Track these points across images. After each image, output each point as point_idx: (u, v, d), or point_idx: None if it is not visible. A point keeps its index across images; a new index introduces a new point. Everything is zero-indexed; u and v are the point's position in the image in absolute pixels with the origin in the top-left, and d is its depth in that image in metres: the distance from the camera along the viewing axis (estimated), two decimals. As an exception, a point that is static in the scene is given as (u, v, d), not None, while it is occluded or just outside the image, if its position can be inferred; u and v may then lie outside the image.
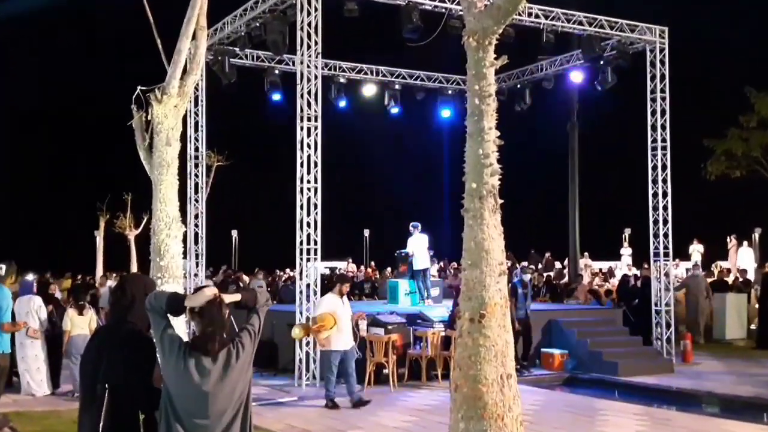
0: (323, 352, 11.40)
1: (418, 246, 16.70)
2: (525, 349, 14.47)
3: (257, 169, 34.18)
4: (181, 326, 7.89)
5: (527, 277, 15.15)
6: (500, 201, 5.73)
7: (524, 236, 29.42)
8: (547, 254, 28.65)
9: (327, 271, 27.41)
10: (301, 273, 13.46)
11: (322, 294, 12.10)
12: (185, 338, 4.07)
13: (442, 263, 26.71)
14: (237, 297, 4.07)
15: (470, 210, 5.63)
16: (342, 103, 20.50)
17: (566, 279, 25.28)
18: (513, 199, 7.09)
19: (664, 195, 16.28)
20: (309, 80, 13.21)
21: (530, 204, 33.00)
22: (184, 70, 8.20)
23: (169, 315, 3.99)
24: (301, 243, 13.25)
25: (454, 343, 10.43)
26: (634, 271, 25.84)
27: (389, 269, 26.04)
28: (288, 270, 26.92)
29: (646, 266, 18.77)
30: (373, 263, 31.07)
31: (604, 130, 30.69)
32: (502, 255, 5.65)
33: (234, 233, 36.07)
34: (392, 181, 36.72)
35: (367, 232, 35.77)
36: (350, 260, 31.51)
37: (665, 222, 16.24)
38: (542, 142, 29.68)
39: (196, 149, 17.02)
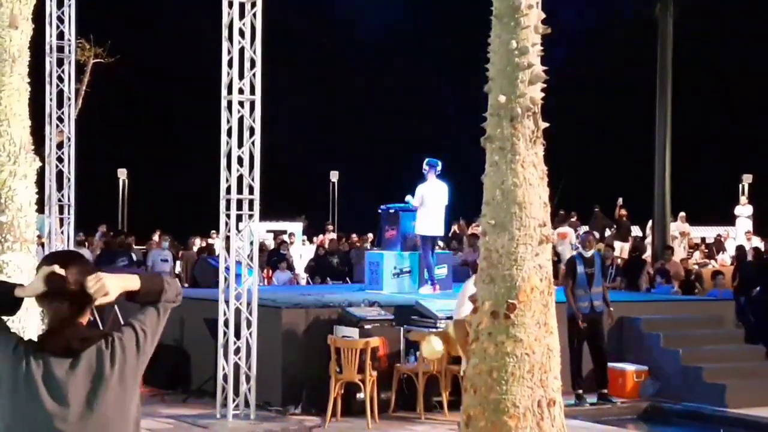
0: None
1: (430, 198, 16.79)
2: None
3: (157, 70, 33.95)
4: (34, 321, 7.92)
5: (591, 251, 14.91)
6: (543, 125, 5.78)
7: (582, 185, 29.62)
8: (621, 212, 28.80)
9: (270, 238, 27.56)
10: (227, 240, 13.47)
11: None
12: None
13: (455, 226, 26.84)
14: (132, 283, 4.03)
15: (495, 138, 5.70)
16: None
17: (648, 253, 25.48)
18: (564, 125, 7.14)
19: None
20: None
21: (591, 134, 33.08)
22: None
23: None
24: (228, 191, 13.26)
25: (468, 351, 10.49)
26: (757, 242, 26.07)
27: (369, 235, 26.16)
28: (208, 236, 26.99)
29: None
30: (331, 227, 31.11)
31: (716, 19, 30.73)
32: (546, 212, 5.74)
33: (122, 174, 36.01)
34: (376, 90, 36.67)
35: (334, 176, 35.84)
36: (305, 220, 31.62)
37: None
38: (613, 33, 29.64)
39: (60, 36, 16.86)
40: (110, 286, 3.96)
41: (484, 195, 5.75)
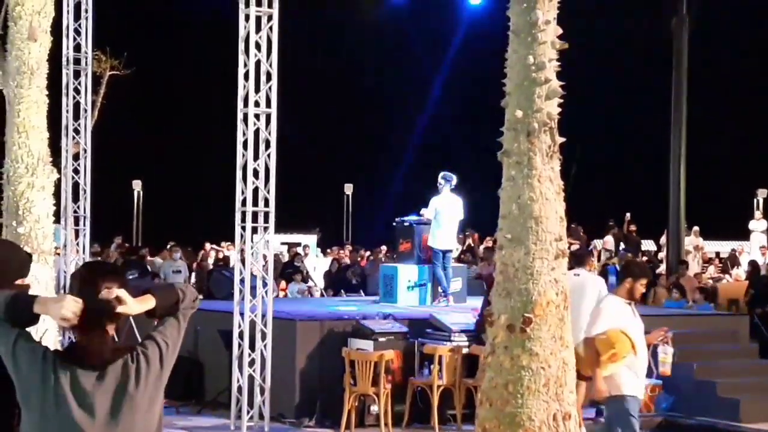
0: (614, 400, 9.27)
1: (444, 211, 16.80)
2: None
3: (174, 82, 34.09)
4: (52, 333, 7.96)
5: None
6: (560, 140, 5.80)
7: (595, 199, 29.61)
8: (630, 227, 28.81)
9: (284, 250, 27.61)
10: (242, 252, 13.51)
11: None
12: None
13: (468, 239, 26.83)
14: (147, 304, 4.08)
15: (512, 153, 5.74)
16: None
17: (662, 267, 25.42)
18: (579, 140, 7.16)
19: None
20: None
21: (607, 148, 33.11)
22: None
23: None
24: (244, 203, 13.30)
25: (483, 364, 10.49)
26: (772, 256, 26.01)
27: (382, 248, 26.17)
28: (222, 245, 27.04)
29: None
30: (349, 242, 31.21)
31: (731, 31, 30.74)
32: (562, 226, 5.77)
33: (136, 185, 36.11)
34: (391, 105, 36.75)
35: (348, 189, 35.91)
36: (319, 232, 31.68)
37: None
38: (630, 48, 29.68)
39: (77, 48, 16.95)
40: (130, 306, 4.02)
41: (501, 209, 5.78)
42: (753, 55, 33.25)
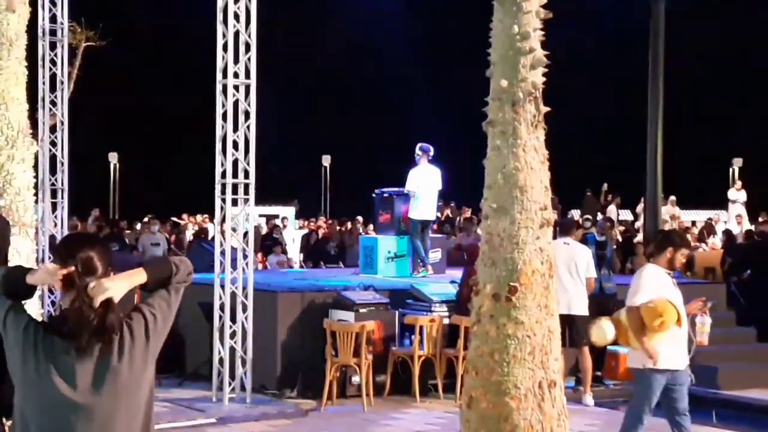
0: (642, 372, 9.09)
1: (424, 183, 16.81)
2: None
3: (150, 53, 33.89)
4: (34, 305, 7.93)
5: (603, 236, 15.38)
6: (545, 109, 5.81)
7: (573, 168, 29.72)
8: (607, 198, 28.91)
9: (263, 222, 27.58)
10: (222, 223, 13.50)
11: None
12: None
13: (447, 209, 26.89)
14: (138, 278, 4.06)
15: (497, 123, 5.73)
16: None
17: (639, 237, 25.55)
18: (560, 111, 7.19)
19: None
20: None
21: (585, 118, 33.20)
22: None
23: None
24: (223, 175, 13.27)
25: (466, 334, 10.53)
26: (747, 225, 26.17)
27: (359, 219, 26.21)
28: (199, 217, 27.01)
29: (766, 218, 18.96)
30: (325, 215, 31.21)
31: (708, 6, 30.79)
32: (547, 196, 5.78)
33: (113, 158, 35.95)
34: (369, 75, 36.74)
35: (326, 161, 35.88)
36: (298, 204, 31.66)
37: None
38: (611, 19, 29.75)
39: (53, 19, 16.80)
40: (113, 288, 3.98)
41: (486, 179, 5.77)
42: (731, 22, 33.33)
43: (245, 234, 13.55)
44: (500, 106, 5.67)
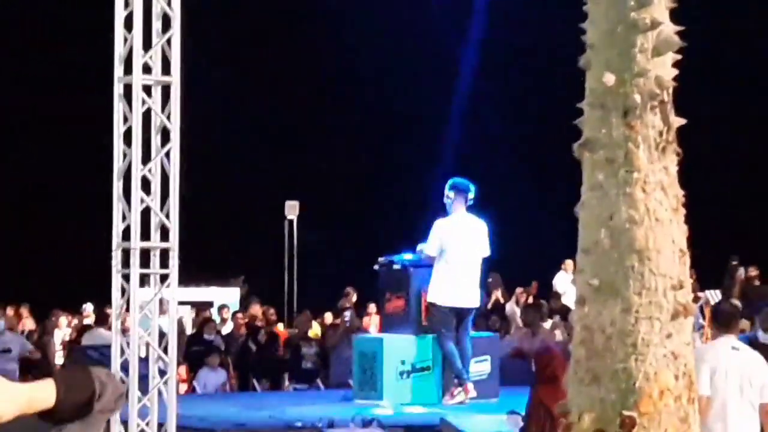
0: None
1: (456, 244, 16.86)
2: None
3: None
4: None
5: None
6: (678, 121, 5.87)
7: (708, 219, 29.88)
8: (750, 273, 29.12)
9: (187, 314, 27.53)
10: (122, 316, 13.56)
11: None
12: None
13: (496, 292, 26.95)
14: (42, 394, 4.09)
15: (597, 144, 5.78)
16: None
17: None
18: (694, 126, 7.29)
19: None
20: None
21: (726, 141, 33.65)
22: None
23: None
24: (125, 235, 13.33)
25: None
26: None
27: (370, 308, 26.17)
28: (79, 312, 27.02)
29: None
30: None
31: None
32: (684, 264, 5.79)
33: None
34: (360, 80, 37.14)
35: (291, 210, 35.91)
36: (244, 285, 31.67)
37: None
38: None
39: None
40: None
41: (580, 238, 5.81)
42: None
43: (162, 335, 13.58)
44: (604, 116, 5.73)
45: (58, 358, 24.57)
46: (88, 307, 27.14)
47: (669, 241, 5.69)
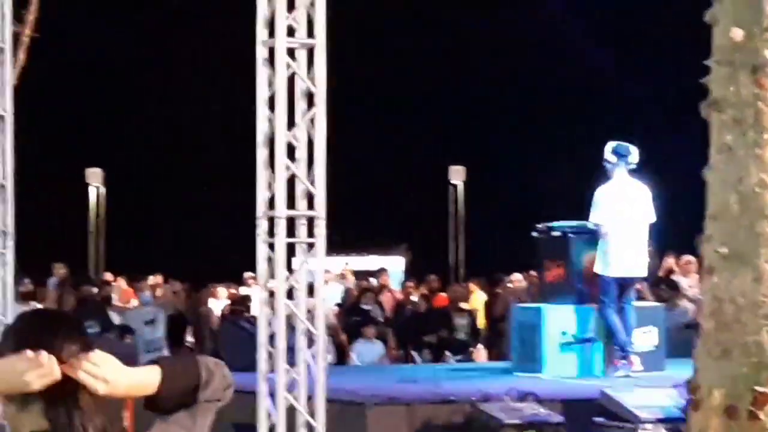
0: None
1: (620, 210, 16.79)
2: None
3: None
4: None
5: None
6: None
7: None
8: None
9: (348, 283, 27.69)
10: (268, 286, 13.66)
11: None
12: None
13: (668, 259, 26.74)
14: (148, 380, 4.11)
15: (725, 104, 5.68)
16: None
17: None
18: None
19: None
20: None
21: None
22: None
23: None
24: (271, 204, 13.44)
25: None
26: None
27: (514, 277, 26.21)
28: (239, 282, 27.28)
29: None
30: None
31: None
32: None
33: (95, 177, 36.41)
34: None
35: (456, 174, 35.93)
36: (408, 252, 31.76)
37: None
38: None
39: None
40: (114, 378, 4.06)
41: (708, 203, 5.72)
42: None
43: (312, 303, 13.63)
44: (732, 74, 5.61)
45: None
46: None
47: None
